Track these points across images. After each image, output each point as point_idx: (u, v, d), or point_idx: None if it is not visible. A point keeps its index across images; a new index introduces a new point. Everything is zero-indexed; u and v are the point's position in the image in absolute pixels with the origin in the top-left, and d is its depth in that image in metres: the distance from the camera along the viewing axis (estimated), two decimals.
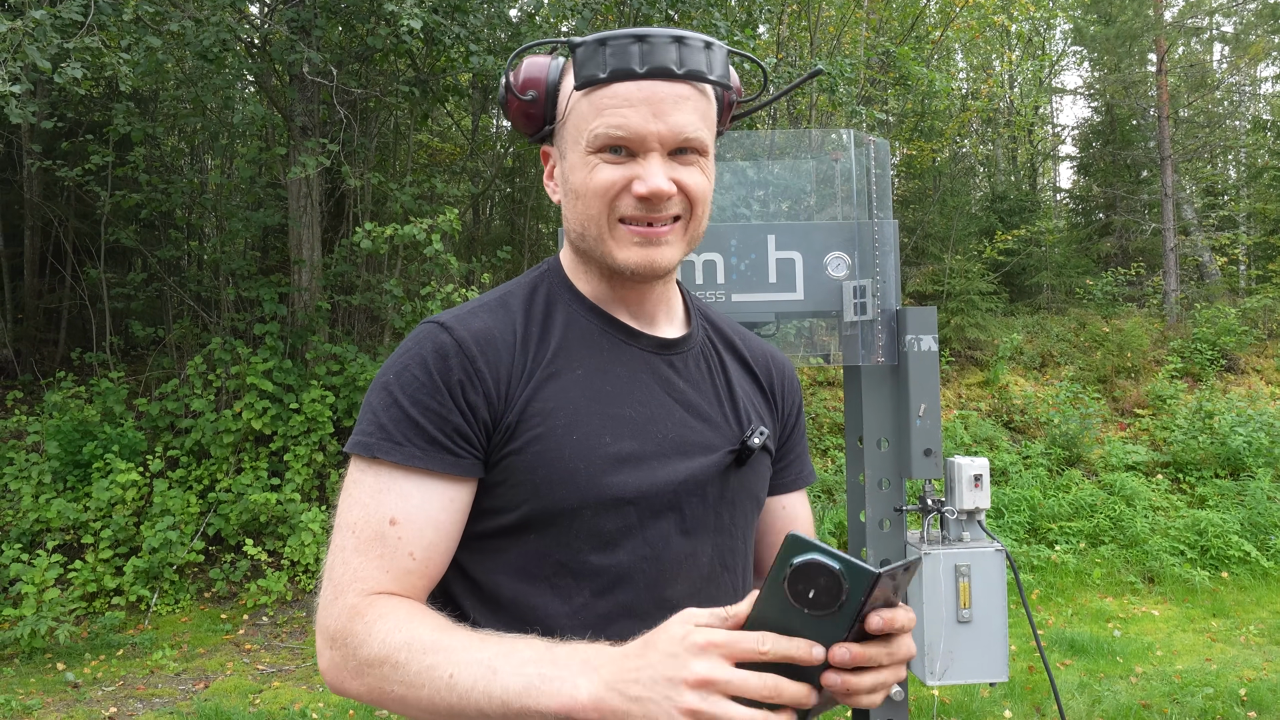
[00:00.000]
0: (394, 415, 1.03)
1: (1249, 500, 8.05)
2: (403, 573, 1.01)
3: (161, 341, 8.73)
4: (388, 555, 1.01)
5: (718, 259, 3.02)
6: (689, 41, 1.04)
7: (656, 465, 1.08)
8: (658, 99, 1.04)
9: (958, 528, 3.12)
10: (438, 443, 1.02)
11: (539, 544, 1.05)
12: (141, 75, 7.03)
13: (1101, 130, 16.57)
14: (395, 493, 1.02)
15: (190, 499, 7.09)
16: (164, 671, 5.81)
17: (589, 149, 1.06)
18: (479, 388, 1.04)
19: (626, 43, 1.03)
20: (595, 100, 1.05)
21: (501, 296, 1.14)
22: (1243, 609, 6.64)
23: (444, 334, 1.06)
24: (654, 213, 1.06)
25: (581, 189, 1.07)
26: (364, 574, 1.00)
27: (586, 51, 1.05)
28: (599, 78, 1.04)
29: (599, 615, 1.05)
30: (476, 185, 10.77)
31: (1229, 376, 10.77)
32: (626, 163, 1.05)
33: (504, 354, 1.06)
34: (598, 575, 1.05)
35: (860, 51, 11.60)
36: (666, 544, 1.08)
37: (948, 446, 8.71)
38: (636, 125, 1.03)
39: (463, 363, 1.04)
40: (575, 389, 1.08)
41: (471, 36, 7.29)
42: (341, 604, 0.99)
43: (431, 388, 1.03)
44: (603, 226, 1.08)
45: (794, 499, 1.30)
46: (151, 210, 8.39)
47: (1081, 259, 14.57)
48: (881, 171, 3.23)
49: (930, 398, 3.01)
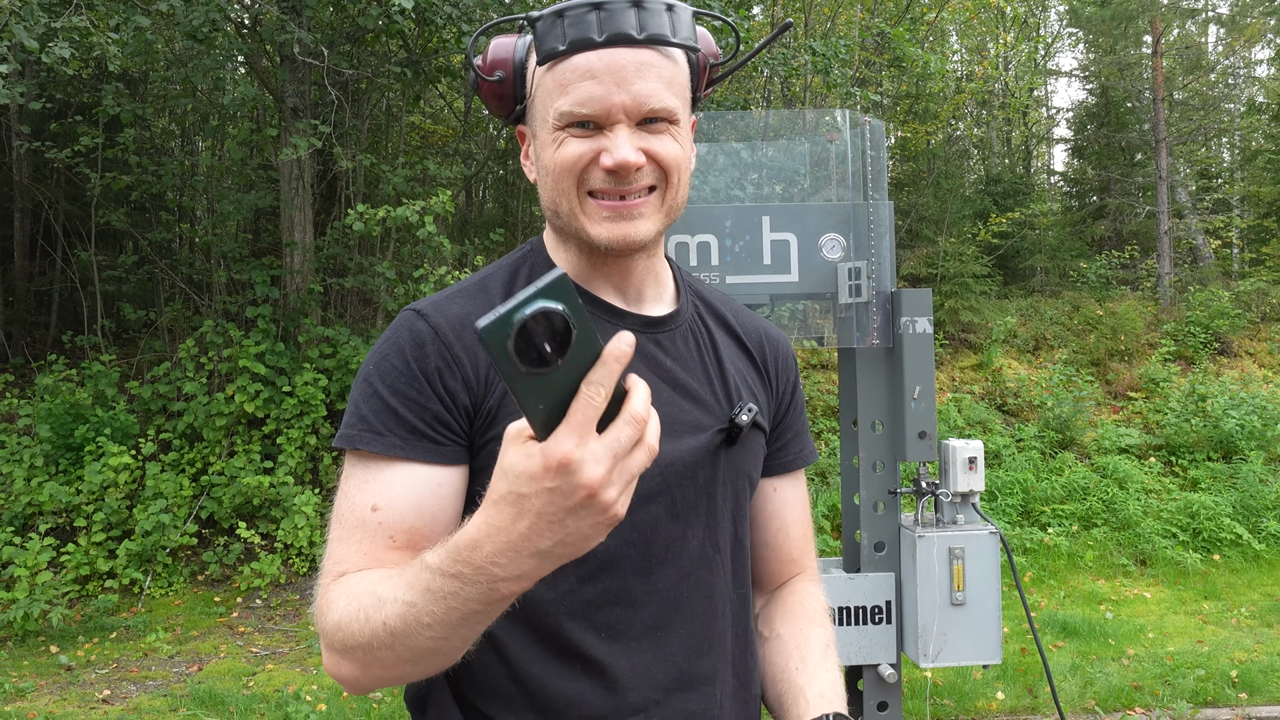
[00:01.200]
0: (374, 406, 1.02)
1: (1241, 483, 8.08)
2: (381, 552, 0.99)
3: (153, 324, 8.69)
4: (367, 539, 1.00)
5: (712, 241, 3.00)
6: (648, 5, 1.00)
7: None
8: (619, 66, 1.00)
9: (952, 510, 3.12)
10: (418, 430, 1.01)
11: None
12: (130, 55, 6.96)
13: (1096, 113, 16.53)
14: (379, 481, 1.01)
15: (183, 482, 7.08)
16: (157, 654, 5.81)
17: (555, 125, 1.03)
18: (457, 373, 1.02)
19: (583, 11, 0.99)
20: (558, 74, 1.02)
21: (481, 280, 1.12)
22: (1234, 591, 6.68)
23: (420, 321, 1.04)
24: (624, 185, 1.03)
25: (550, 165, 1.05)
26: (344, 559, 1.00)
27: (545, 25, 1.01)
28: (559, 50, 1.00)
29: (586, 601, 1.03)
30: (469, 167, 10.71)
31: (1222, 360, 10.80)
32: (594, 135, 1.02)
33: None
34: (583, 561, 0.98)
35: (855, 33, 11.54)
36: (654, 528, 1.06)
37: (941, 430, 8.73)
38: (600, 96, 1.00)
39: (439, 349, 1.03)
40: None
41: (464, 17, 7.23)
42: (325, 585, 0.99)
43: (409, 376, 1.02)
44: (574, 202, 1.05)
45: (786, 482, 1.26)
46: (142, 192, 8.33)
47: (1075, 242, 14.57)
48: (876, 153, 3.20)
49: (925, 380, 3.00)
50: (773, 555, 1.27)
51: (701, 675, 1.08)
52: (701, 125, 3.44)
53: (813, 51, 8.81)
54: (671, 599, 1.07)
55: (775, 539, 1.26)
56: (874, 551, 3.16)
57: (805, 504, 1.30)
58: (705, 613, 1.10)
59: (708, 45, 1.12)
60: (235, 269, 8.27)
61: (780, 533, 1.26)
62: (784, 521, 1.26)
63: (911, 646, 3.09)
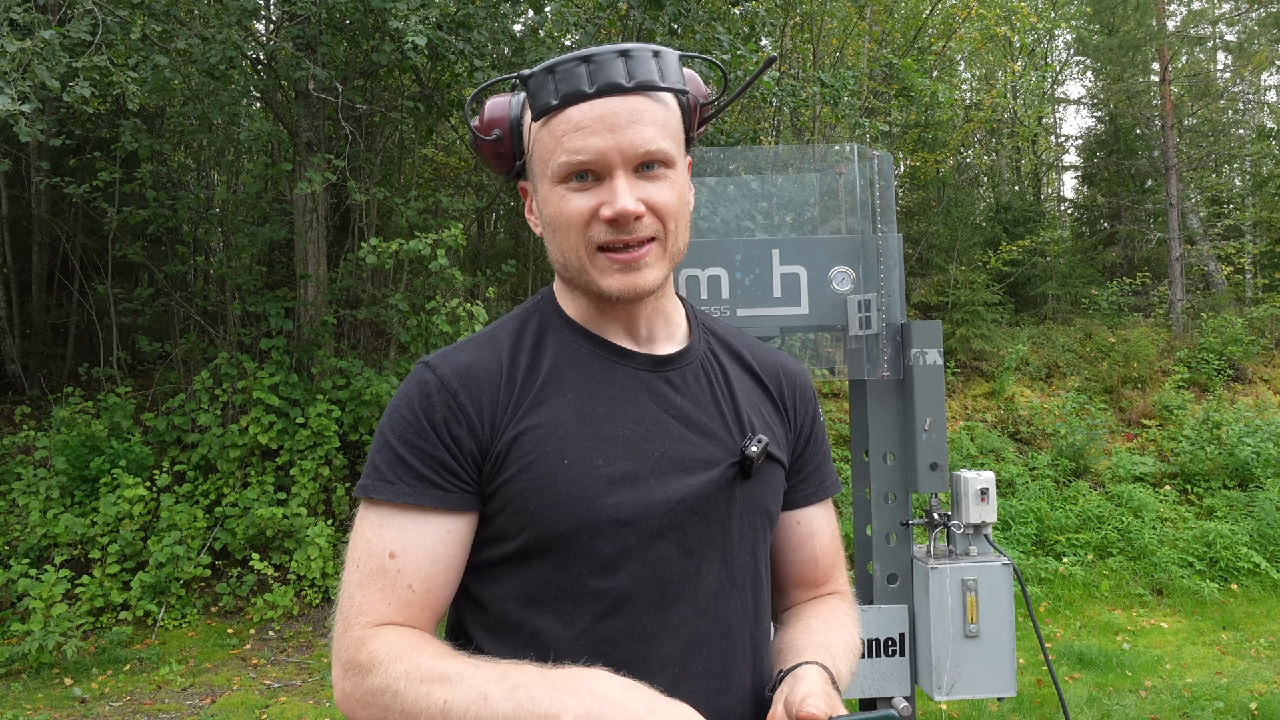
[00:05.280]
0: (386, 456, 1.07)
1: (1258, 511, 8.00)
2: (404, 604, 1.05)
3: (168, 356, 8.76)
4: (388, 588, 1.05)
5: (722, 274, 3.02)
6: (635, 53, 1.03)
7: (653, 484, 1.07)
8: (612, 115, 1.03)
9: (964, 542, 3.11)
10: (425, 479, 1.06)
11: (540, 570, 1.06)
12: (149, 93, 7.08)
13: (1105, 140, 16.58)
14: (393, 528, 1.06)
15: (197, 513, 7.10)
16: (171, 686, 5.80)
17: (555, 179, 1.06)
18: (463, 422, 1.06)
19: (573, 65, 1.03)
20: (553, 128, 1.05)
21: (491, 330, 1.16)
22: (1253, 621, 6.60)
23: (428, 372, 1.09)
24: (626, 234, 1.06)
25: (555, 221, 1.08)
26: (367, 606, 1.04)
27: (537, 81, 1.05)
28: (552, 104, 1.04)
29: (601, 639, 1.05)
30: (481, 199, 10.81)
31: (1236, 386, 10.73)
32: (593, 188, 1.05)
33: (487, 386, 1.08)
34: (598, 599, 1.05)
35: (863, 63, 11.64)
36: (667, 565, 1.07)
37: (954, 458, 8.69)
38: (595, 146, 1.03)
39: (445, 399, 1.06)
40: (565, 413, 1.07)
41: (476, 52, 7.33)
42: (350, 636, 1.03)
43: (417, 426, 1.06)
44: (582, 257, 1.08)
45: (812, 513, 1.27)
46: (158, 226, 8.43)
47: (1086, 269, 14.55)
48: (885, 184, 3.23)
49: (936, 412, 3.01)
50: (802, 589, 1.28)
51: (721, 713, 1.08)
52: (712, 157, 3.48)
53: (821, 83, 8.89)
54: (688, 636, 1.08)
55: (803, 571, 1.28)
56: (887, 583, 3.15)
57: (834, 533, 1.30)
58: (723, 649, 1.10)
59: (697, 86, 1.15)
60: (250, 301, 8.35)
61: (809, 564, 1.28)
62: (812, 553, 1.27)
63: (925, 679, 3.08)
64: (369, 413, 7.62)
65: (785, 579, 1.28)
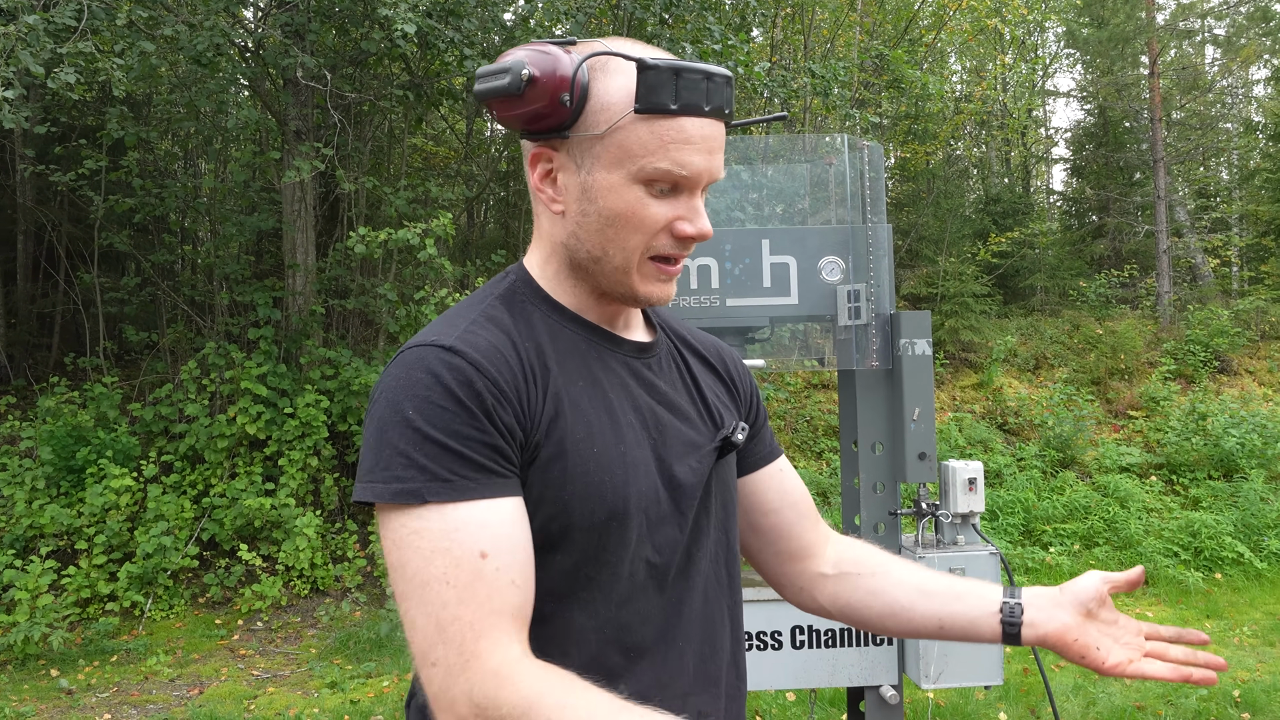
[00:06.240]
0: (430, 452, 0.96)
1: (1242, 501, 8.07)
2: (514, 607, 0.97)
3: (155, 346, 8.72)
4: (495, 594, 0.95)
5: (712, 263, 3.02)
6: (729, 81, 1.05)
7: (659, 470, 1.10)
8: (713, 138, 1.05)
9: (952, 531, 3.12)
10: (486, 469, 0.98)
11: (568, 561, 1.04)
12: (135, 80, 7.02)
13: (1094, 133, 16.64)
14: (472, 525, 0.96)
15: (184, 504, 7.08)
16: (158, 677, 5.79)
17: (637, 178, 1.04)
18: (509, 408, 1.00)
19: (698, 79, 1.02)
20: (659, 130, 1.02)
21: (483, 312, 1.09)
22: (1236, 610, 6.66)
23: (455, 357, 1.00)
24: (683, 251, 1.09)
25: (621, 218, 1.05)
26: (481, 625, 0.94)
27: (659, 77, 1.01)
28: (670, 108, 1.01)
29: (619, 625, 1.07)
30: (471, 189, 10.78)
31: (1222, 378, 10.81)
32: (671, 199, 1.06)
33: (515, 371, 1.03)
34: (619, 586, 1.07)
35: (854, 55, 11.63)
36: (670, 547, 1.11)
37: (942, 449, 8.73)
38: (697, 165, 1.04)
39: (488, 385, 0.99)
40: (582, 400, 1.07)
41: (466, 41, 7.30)
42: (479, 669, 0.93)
43: (464, 414, 0.97)
44: (631, 259, 1.07)
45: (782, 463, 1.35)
46: (145, 215, 8.38)
47: (1075, 261, 14.61)
48: (875, 175, 3.23)
49: (924, 402, 3.02)
50: (808, 523, 1.34)
51: (709, 677, 1.16)
52: None
53: (812, 74, 8.89)
54: (685, 612, 1.13)
55: (801, 508, 1.34)
56: None
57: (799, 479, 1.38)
58: (709, 620, 1.17)
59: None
60: (237, 291, 8.31)
61: (803, 501, 1.34)
62: (801, 492, 1.35)
63: (913, 668, 3.10)
64: (358, 403, 7.60)
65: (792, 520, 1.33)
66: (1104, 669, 1.16)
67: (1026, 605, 1.20)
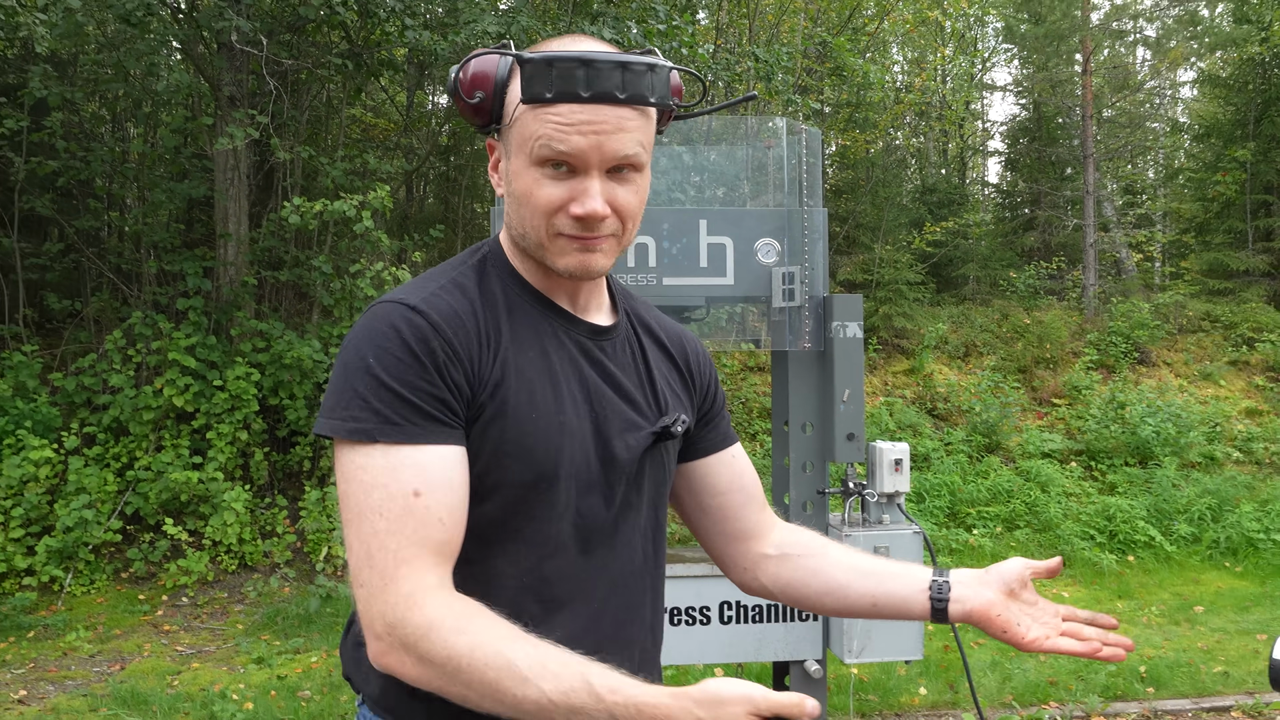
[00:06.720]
0: (384, 397, 1.06)
1: (1155, 487, 8.41)
2: (438, 543, 1.06)
3: (79, 315, 8.44)
4: (421, 528, 1.05)
5: (650, 242, 3.04)
6: (633, 67, 1.09)
7: (593, 443, 1.19)
8: (600, 122, 1.08)
9: (878, 510, 3.21)
10: (433, 417, 1.08)
11: (497, 513, 1.14)
12: (59, 37, 6.77)
13: (1029, 127, 17.01)
14: (411, 467, 1.06)
15: (107, 477, 6.90)
16: (77, 653, 5.66)
17: (532, 160, 1.11)
18: (459, 367, 1.10)
19: (572, 66, 1.07)
20: (540, 116, 1.09)
21: (454, 279, 1.19)
22: (1146, 590, 6.95)
23: (417, 316, 1.10)
24: (589, 232, 1.13)
25: (524, 198, 1.13)
26: (405, 554, 1.04)
27: (535, 69, 1.08)
28: (545, 97, 1.08)
29: (540, 578, 1.16)
30: (410, 162, 10.61)
31: (1141, 369, 11.20)
32: (567, 179, 1.11)
33: (471, 334, 1.12)
34: (543, 543, 1.16)
35: (798, 41, 11.72)
36: (596, 515, 1.19)
37: (873, 433, 8.91)
38: (578, 145, 1.08)
39: (442, 344, 1.09)
40: (530, 369, 1.16)
41: (407, 10, 7.18)
42: (395, 593, 1.03)
43: (418, 367, 1.07)
44: (542, 236, 1.14)
45: (735, 450, 1.42)
46: (69, 178, 8.09)
47: (1006, 252, 14.97)
48: (813, 160, 3.28)
49: (854, 383, 3.09)
50: (754, 506, 1.42)
51: (623, 640, 1.24)
52: None
53: (755, 58, 8.93)
54: (607, 577, 1.22)
55: (750, 492, 1.42)
56: None
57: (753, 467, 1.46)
58: (632, 588, 1.25)
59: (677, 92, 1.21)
60: (166, 260, 8.08)
61: (751, 486, 1.42)
62: (751, 477, 1.43)
63: (837, 643, 3.18)
64: (289, 376, 7.47)
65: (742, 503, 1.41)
66: (1024, 644, 1.24)
67: (954, 583, 1.28)
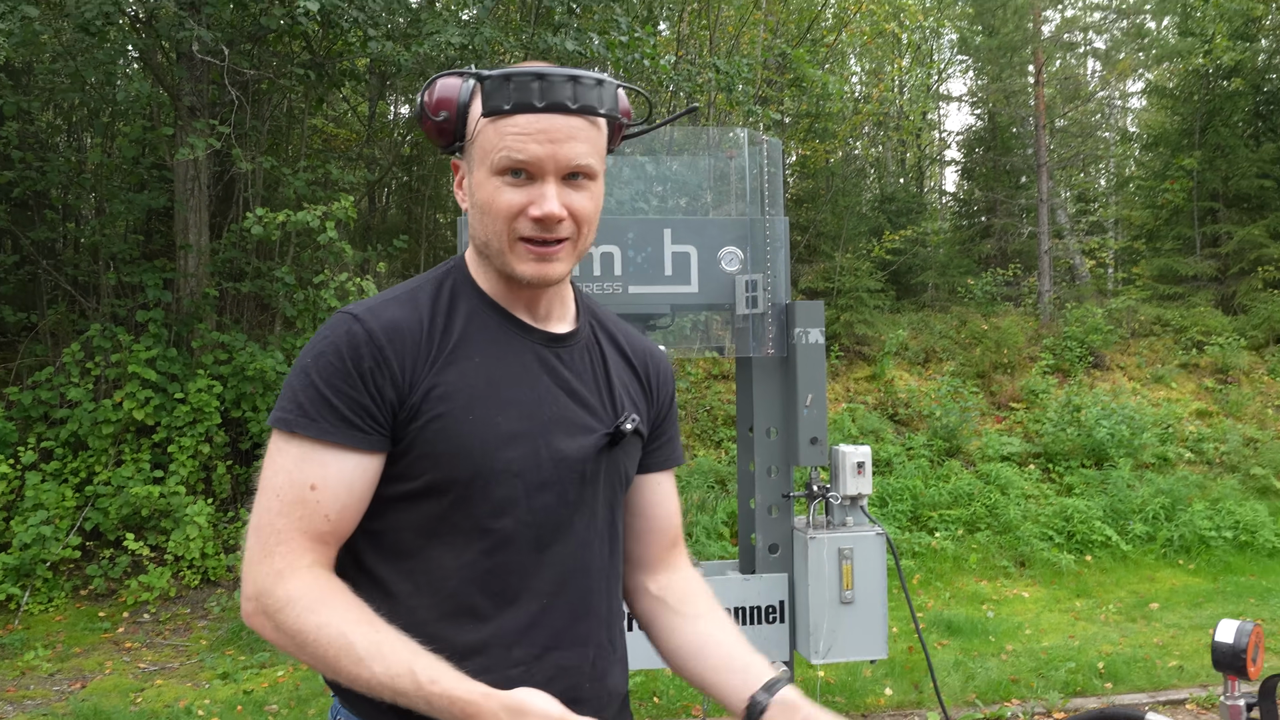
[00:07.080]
0: (310, 396, 1.18)
1: (1111, 488, 8.59)
2: (320, 533, 1.18)
3: (34, 328, 8.31)
4: (307, 517, 1.17)
5: (615, 251, 3.09)
6: (583, 80, 1.20)
7: (541, 444, 1.25)
8: (554, 130, 1.18)
9: (841, 513, 3.27)
10: (348, 421, 1.18)
11: (437, 507, 1.21)
12: (15, 46, 6.67)
13: (984, 137, 17.33)
14: (315, 463, 1.18)
15: (66, 492, 6.79)
16: (36, 672, 5.57)
17: (493, 170, 1.20)
18: (386, 375, 1.19)
19: (528, 80, 1.18)
20: (500, 127, 1.19)
21: (411, 290, 1.28)
22: (1103, 589, 7.11)
23: (356, 325, 1.20)
24: (547, 233, 1.21)
25: (486, 206, 1.22)
26: (287, 534, 1.17)
27: (494, 84, 1.19)
28: (504, 109, 1.18)
29: (485, 570, 1.22)
30: (373, 172, 10.58)
31: (1095, 373, 11.44)
32: (525, 185, 1.20)
33: (409, 343, 1.21)
34: (486, 537, 1.22)
35: (758, 52, 11.85)
36: (547, 512, 1.25)
37: (835, 438, 9.01)
38: (534, 152, 1.18)
39: (372, 351, 1.18)
40: (473, 374, 1.23)
41: (370, 21, 7.18)
42: (268, 566, 1.16)
43: (344, 373, 1.18)
44: (504, 242, 1.23)
45: (665, 478, 1.48)
46: (25, 189, 7.97)
47: (963, 259, 15.22)
48: (774, 170, 3.35)
49: (817, 388, 3.15)
50: (657, 538, 1.47)
51: (578, 637, 1.29)
52: None
53: (716, 69, 9.03)
54: (558, 573, 1.26)
55: (660, 524, 1.47)
56: (768, 553, 3.28)
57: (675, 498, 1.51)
58: (584, 587, 1.29)
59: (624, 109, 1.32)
60: (125, 271, 7.98)
61: (664, 518, 1.47)
62: (667, 510, 1.47)
63: (804, 644, 3.23)
64: (252, 388, 7.41)
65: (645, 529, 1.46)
66: None
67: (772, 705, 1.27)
